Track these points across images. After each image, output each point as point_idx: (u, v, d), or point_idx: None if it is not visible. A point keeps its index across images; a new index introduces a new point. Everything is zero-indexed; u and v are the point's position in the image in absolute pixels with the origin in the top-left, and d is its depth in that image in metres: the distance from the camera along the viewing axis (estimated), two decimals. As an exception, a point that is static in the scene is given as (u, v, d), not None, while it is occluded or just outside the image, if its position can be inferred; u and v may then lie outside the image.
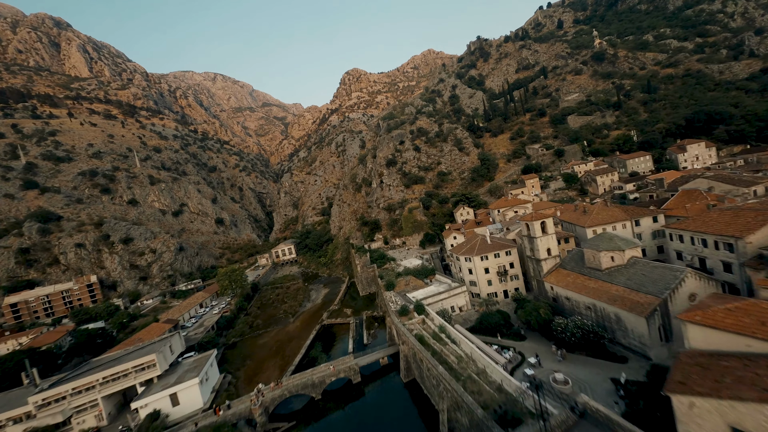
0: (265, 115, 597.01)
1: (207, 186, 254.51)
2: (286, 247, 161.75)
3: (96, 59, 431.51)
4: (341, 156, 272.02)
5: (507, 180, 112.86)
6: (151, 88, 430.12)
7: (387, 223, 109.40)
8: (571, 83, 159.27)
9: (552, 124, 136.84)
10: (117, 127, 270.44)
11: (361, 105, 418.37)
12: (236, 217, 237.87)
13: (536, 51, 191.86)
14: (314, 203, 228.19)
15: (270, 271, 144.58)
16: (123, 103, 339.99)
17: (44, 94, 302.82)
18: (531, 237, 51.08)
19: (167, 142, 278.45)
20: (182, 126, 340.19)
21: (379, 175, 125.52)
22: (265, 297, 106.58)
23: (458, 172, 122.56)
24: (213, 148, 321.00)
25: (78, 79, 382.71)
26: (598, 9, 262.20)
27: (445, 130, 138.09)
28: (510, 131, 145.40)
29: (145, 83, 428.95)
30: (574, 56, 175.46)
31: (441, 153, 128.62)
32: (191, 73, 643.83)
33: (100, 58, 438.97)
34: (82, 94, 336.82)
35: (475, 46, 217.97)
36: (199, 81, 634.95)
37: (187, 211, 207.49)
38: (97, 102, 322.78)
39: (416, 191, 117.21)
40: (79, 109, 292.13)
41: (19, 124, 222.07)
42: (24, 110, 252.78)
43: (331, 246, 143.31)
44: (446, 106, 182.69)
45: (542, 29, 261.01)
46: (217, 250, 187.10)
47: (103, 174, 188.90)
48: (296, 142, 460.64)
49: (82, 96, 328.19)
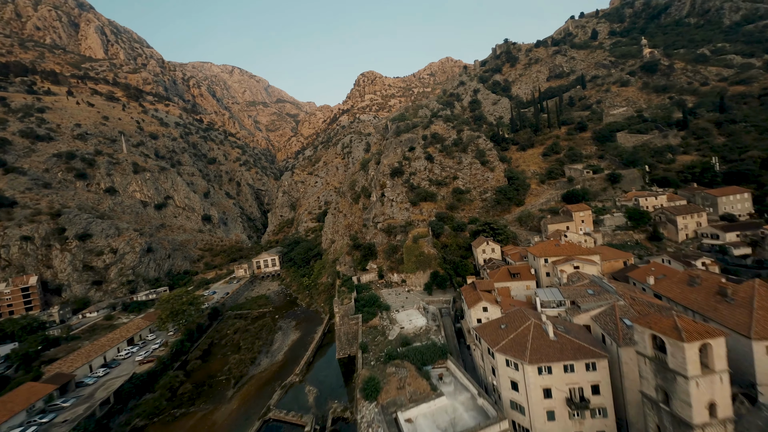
0: (277, 111, 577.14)
1: (201, 178, 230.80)
2: (270, 257, 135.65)
3: (113, 42, 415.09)
4: (346, 158, 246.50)
5: (543, 207, 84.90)
6: (165, 74, 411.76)
7: (385, 249, 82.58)
8: (616, 95, 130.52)
9: (596, 141, 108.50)
10: (116, 110, 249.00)
11: (373, 107, 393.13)
12: (227, 215, 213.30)
13: (572, 58, 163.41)
14: (311, 207, 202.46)
15: (245, 286, 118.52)
16: (130, 86, 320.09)
17: (50, 71, 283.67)
18: (669, 369, 23.08)
19: (167, 129, 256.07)
20: (187, 114, 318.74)
21: (381, 186, 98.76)
22: (221, 331, 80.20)
23: (479, 191, 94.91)
24: (216, 139, 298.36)
25: (90, 60, 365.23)
26: (638, 21, 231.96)
27: (465, 138, 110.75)
28: (542, 145, 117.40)
29: (159, 69, 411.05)
30: (619, 66, 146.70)
31: (459, 165, 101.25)
32: (209, 65, 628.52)
33: (117, 41, 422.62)
34: (91, 74, 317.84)
35: (501, 50, 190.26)
36: (217, 73, 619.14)
37: (172, 204, 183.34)
38: (103, 83, 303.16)
39: (425, 211, 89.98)
40: (82, 89, 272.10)
41: (9, 98, 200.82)
42: (21, 84, 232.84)
43: (319, 264, 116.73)
44: (465, 111, 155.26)
45: (573, 39, 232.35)
46: (197, 251, 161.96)
47: (82, 157, 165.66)
48: (305, 140, 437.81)
49: (89, 76, 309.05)
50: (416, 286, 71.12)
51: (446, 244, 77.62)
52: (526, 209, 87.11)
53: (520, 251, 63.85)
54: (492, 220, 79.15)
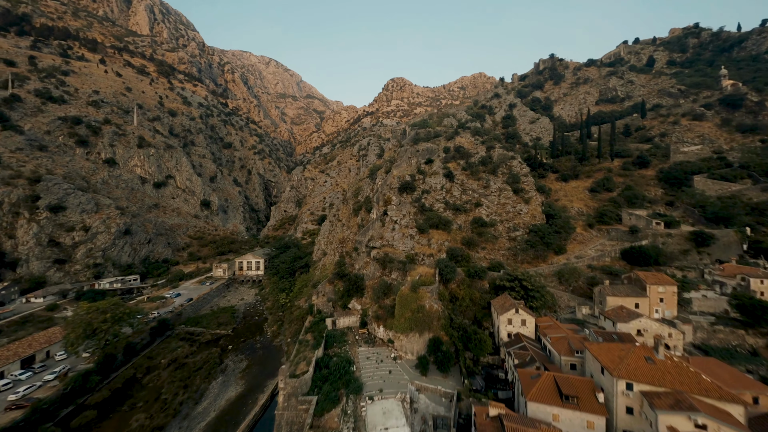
0: (305, 106, 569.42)
1: (212, 162, 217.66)
2: (254, 259, 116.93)
3: (159, 21, 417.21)
4: (361, 161, 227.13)
5: (594, 263, 60.97)
6: (202, 57, 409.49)
7: (375, 286, 61.24)
8: (687, 130, 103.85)
9: (663, 183, 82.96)
10: (143, 83, 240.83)
11: (398, 113, 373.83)
12: (229, 203, 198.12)
13: (630, 82, 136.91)
14: (315, 207, 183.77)
15: (217, 291, 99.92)
16: (165, 63, 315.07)
17: (91, 39, 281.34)
18: None
19: (188, 108, 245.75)
20: (213, 96, 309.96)
21: (385, 201, 77.66)
22: (155, 358, 60.92)
23: (507, 227, 71.82)
24: (236, 124, 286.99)
25: (134, 35, 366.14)
26: (703, 53, 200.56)
27: (496, 157, 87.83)
28: (589, 178, 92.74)
29: (197, 52, 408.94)
30: (690, 96, 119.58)
31: (485, 190, 78.61)
32: (249, 54, 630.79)
33: (164, 20, 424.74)
34: (130, 47, 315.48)
35: (545, 65, 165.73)
36: (254, 62, 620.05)
37: (172, 184, 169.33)
38: (139, 57, 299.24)
39: (434, 242, 67.93)
40: (116, 60, 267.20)
41: (39, 57, 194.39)
42: (57, 47, 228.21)
43: (302, 279, 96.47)
44: (497, 126, 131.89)
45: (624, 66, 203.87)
46: (185, 238, 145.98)
47: (89, 124, 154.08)
48: (326, 137, 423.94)
49: (128, 49, 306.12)
50: (408, 352, 49.17)
51: (456, 296, 55.22)
52: (569, 261, 63.36)
53: (569, 337, 40.73)
54: (522, 272, 55.96)
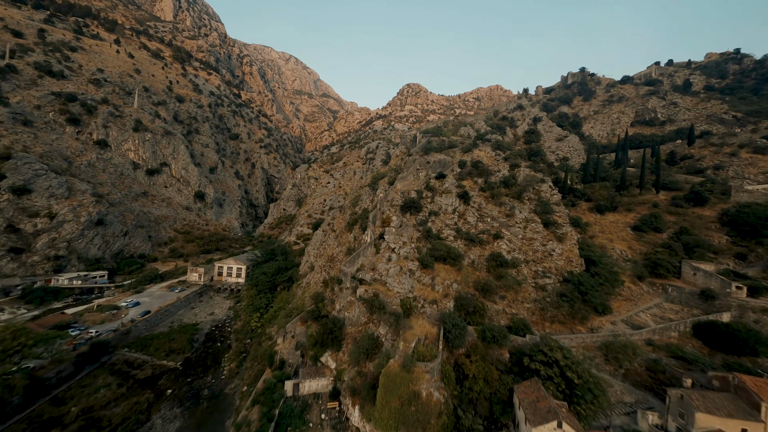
0: (320, 104, 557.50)
1: (215, 152, 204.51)
2: (236, 265, 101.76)
3: (184, 9, 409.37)
4: (367, 164, 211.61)
5: (657, 339, 43.50)
6: (222, 48, 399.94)
7: (356, 341, 44.77)
8: (748, 164, 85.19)
9: (729, 228, 64.97)
10: (155, 67, 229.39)
11: (411, 118, 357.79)
12: (226, 196, 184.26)
13: (674, 103, 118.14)
14: (314, 209, 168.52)
15: (186, 301, 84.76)
16: (182, 49, 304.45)
17: (111, 20, 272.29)
18: None
19: (198, 95, 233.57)
20: (226, 86, 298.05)
21: (383, 221, 61.40)
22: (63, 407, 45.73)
23: (535, 270, 54.66)
24: (246, 116, 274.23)
25: (157, 20, 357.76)
26: (745, 80, 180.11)
27: (522, 178, 70.75)
28: (630, 212, 74.90)
29: (218, 42, 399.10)
30: (747, 125, 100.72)
31: (507, 218, 61.71)
32: (270, 49, 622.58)
33: (189, 9, 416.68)
34: (150, 31, 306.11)
35: (574, 79, 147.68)
36: (274, 58, 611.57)
37: (166, 173, 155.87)
38: (157, 41, 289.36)
39: (440, 282, 51.43)
40: (132, 42, 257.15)
41: (49, 31, 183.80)
42: (73, 24, 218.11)
43: (281, 299, 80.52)
44: (518, 141, 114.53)
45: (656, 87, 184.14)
46: (170, 232, 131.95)
47: (84, 102, 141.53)
48: (337, 137, 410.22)
49: (147, 33, 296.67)
50: (388, 457, 32.96)
51: (465, 372, 38.59)
52: (616, 327, 46.04)
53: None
54: (563, 353, 38.71)
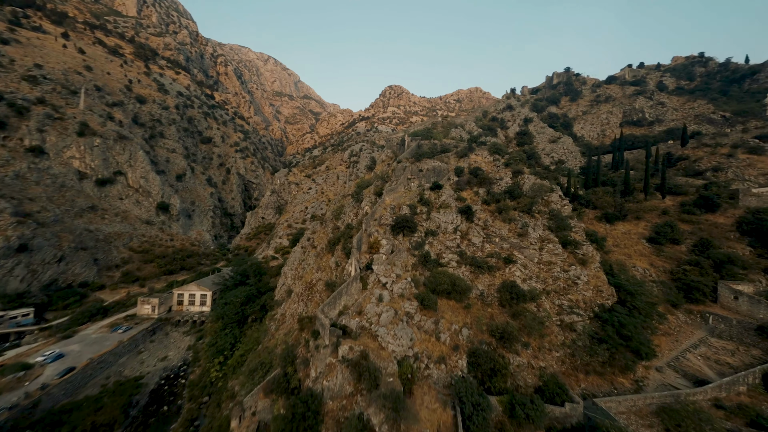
0: (301, 106, 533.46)
1: (183, 158, 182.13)
2: (199, 292, 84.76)
3: (149, 5, 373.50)
4: (351, 167, 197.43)
5: (723, 398, 33.40)
6: (193, 46, 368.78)
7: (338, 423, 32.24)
8: (747, 165, 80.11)
9: (750, 237, 57.69)
10: (112, 65, 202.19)
11: (394, 120, 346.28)
12: (196, 206, 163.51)
13: (661, 103, 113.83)
14: (294, 218, 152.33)
15: (130, 345, 67.07)
16: (146, 47, 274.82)
17: (60, 12, 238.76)
18: None
19: (163, 96, 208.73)
20: (197, 87, 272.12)
21: (370, 246, 48.33)
22: None
23: (558, 304, 43.74)
24: (220, 118, 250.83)
25: (117, 14, 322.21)
26: (712, 82, 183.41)
27: (527, 187, 60.19)
28: (639, 220, 66.57)
29: (189, 40, 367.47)
30: (736, 124, 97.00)
31: (519, 239, 50.62)
32: (247, 50, 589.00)
33: (155, 5, 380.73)
34: (108, 26, 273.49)
35: (560, 79, 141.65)
36: (252, 59, 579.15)
37: (122, 182, 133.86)
38: (116, 37, 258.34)
39: (446, 327, 39.34)
40: (86, 37, 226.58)
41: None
42: (10, 14, 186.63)
43: (251, 337, 65.28)
44: (510, 143, 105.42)
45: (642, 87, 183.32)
46: (125, 252, 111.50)
47: (12, 102, 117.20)
48: (319, 139, 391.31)
49: (105, 28, 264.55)
50: None
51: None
52: (667, 379, 35.95)
53: None
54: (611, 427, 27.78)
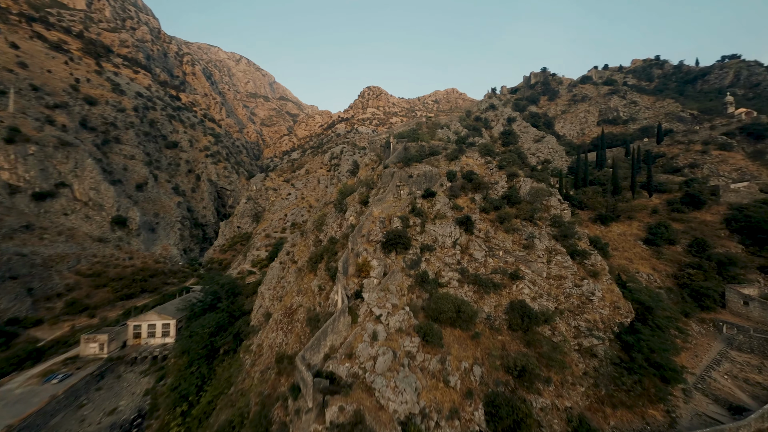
0: (278, 108, 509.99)
1: (144, 165, 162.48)
2: (161, 321, 72.20)
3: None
4: (332, 171, 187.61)
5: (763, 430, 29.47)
6: (155, 44, 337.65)
7: None
8: (720, 161, 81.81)
9: (738, 235, 56.87)
10: (55, 62, 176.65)
11: (374, 121, 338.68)
12: (160, 218, 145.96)
13: (634, 102, 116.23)
14: (274, 227, 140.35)
15: (69, 397, 53.51)
16: (98, 43, 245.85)
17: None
18: None
19: (118, 97, 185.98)
20: (160, 87, 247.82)
21: (359, 269, 40.40)
22: None
23: (574, 326, 38.73)
24: (187, 121, 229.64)
25: (63, 7, 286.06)
26: (668, 83, 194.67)
27: (526, 191, 55.59)
28: (631, 220, 64.62)
29: (149, 37, 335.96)
30: (702, 121, 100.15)
31: (525, 251, 45.19)
32: (217, 49, 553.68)
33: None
34: (50, 19, 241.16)
35: (537, 79, 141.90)
36: (223, 58, 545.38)
37: (66, 195, 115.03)
38: (60, 31, 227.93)
39: (454, 366, 32.76)
40: (22, 30, 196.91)
41: None
42: None
43: (221, 377, 55.10)
44: (496, 144, 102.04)
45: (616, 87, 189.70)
46: (70, 277, 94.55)
47: None
48: (298, 141, 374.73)
49: (46, 21, 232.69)
50: None
51: None
52: (699, 407, 31.82)
53: None
54: None
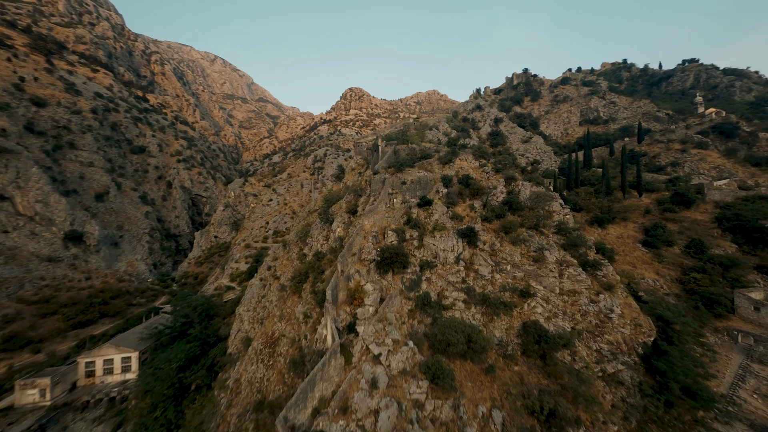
0: (257, 110, 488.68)
1: (104, 172, 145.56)
2: (119, 355, 61.46)
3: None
4: (316, 174, 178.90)
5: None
6: (118, 41, 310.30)
7: None
8: (699, 160, 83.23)
9: (729, 234, 56.33)
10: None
11: (357, 122, 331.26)
12: (125, 230, 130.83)
13: (613, 103, 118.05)
14: (254, 236, 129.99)
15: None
16: (49, 38, 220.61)
17: None
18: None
19: (73, 97, 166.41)
20: (123, 88, 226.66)
21: (351, 296, 33.94)
22: None
23: (598, 349, 34.80)
24: (155, 124, 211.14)
25: None
26: (636, 85, 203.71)
27: (526, 196, 51.76)
28: (626, 221, 63.03)
29: (111, 34, 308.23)
30: (677, 121, 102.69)
31: (535, 264, 40.84)
32: (189, 48, 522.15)
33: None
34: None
35: (519, 80, 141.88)
36: (196, 58, 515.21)
37: (6, 210, 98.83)
38: (1, 24, 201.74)
39: (470, 413, 26.98)
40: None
41: None
42: None
43: (192, 421, 47.16)
44: (484, 144, 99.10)
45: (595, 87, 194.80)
46: (11, 306, 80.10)
47: None
48: (279, 144, 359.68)
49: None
50: None
51: None
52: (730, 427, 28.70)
53: None
54: None
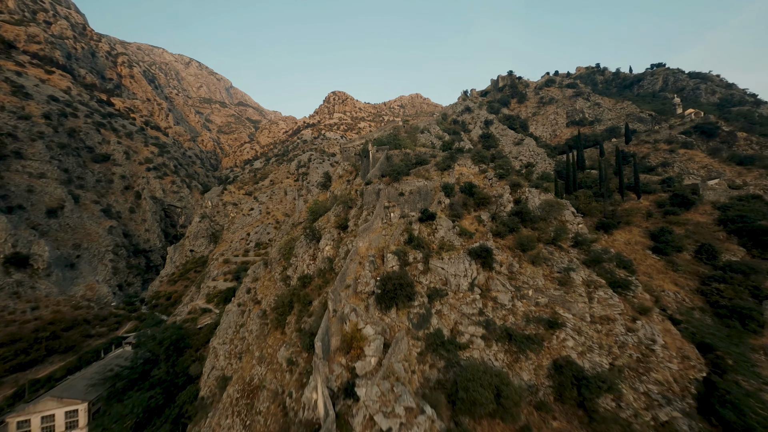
0: (236, 114, 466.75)
1: (58, 184, 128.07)
2: (62, 409, 49.04)
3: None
4: (300, 180, 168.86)
5: None
6: (79, 41, 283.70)
7: None
8: (688, 160, 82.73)
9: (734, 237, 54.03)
10: None
11: (341, 126, 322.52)
12: (83, 249, 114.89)
13: (597, 104, 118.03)
14: (234, 250, 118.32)
15: None
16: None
17: None
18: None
19: (22, 101, 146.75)
20: (84, 90, 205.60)
21: (347, 344, 26.45)
22: None
23: (646, 392, 29.21)
24: (123, 129, 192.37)
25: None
26: (610, 87, 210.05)
27: (532, 202, 46.57)
28: (630, 225, 59.83)
29: (71, 33, 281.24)
30: (660, 121, 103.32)
31: (560, 287, 35.11)
32: (161, 50, 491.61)
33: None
34: None
35: (504, 82, 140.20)
36: (169, 61, 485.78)
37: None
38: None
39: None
40: None
41: None
42: None
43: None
44: (476, 147, 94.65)
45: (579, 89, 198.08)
46: (-74, 351, 65.67)
47: None
48: (261, 149, 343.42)
49: None
50: None
51: None
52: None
53: None
54: None
